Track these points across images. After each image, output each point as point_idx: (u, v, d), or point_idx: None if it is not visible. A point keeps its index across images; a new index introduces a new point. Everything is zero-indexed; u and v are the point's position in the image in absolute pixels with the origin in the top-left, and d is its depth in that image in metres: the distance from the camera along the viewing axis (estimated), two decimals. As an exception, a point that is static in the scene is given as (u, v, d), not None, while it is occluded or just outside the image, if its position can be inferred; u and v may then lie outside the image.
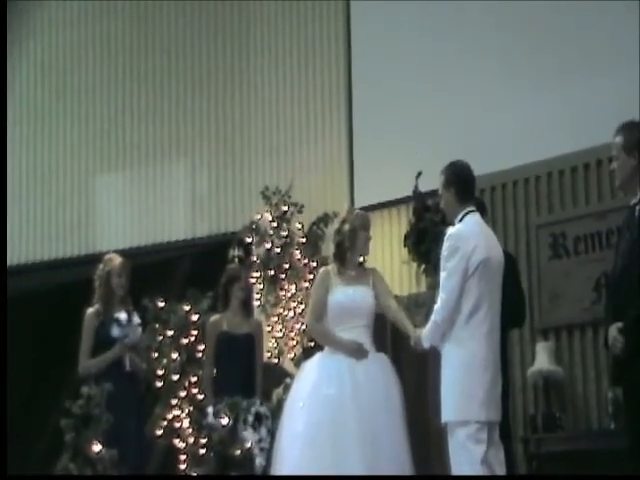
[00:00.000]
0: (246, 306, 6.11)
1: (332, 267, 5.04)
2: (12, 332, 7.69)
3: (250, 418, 5.46)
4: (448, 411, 4.38)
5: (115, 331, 5.78)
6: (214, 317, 6.08)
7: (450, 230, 4.52)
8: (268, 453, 5.33)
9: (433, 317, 4.46)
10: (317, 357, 4.94)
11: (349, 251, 5.00)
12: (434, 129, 7.28)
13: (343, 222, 5.08)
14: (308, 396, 4.72)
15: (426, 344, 4.49)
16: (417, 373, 5.63)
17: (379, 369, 4.88)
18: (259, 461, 5.37)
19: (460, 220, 4.55)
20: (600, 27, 6.63)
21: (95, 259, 6.37)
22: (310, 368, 4.89)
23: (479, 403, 4.34)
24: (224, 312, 6.02)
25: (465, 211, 4.54)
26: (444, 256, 4.46)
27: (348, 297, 4.95)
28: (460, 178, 4.59)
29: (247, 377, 5.85)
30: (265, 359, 6.51)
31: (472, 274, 4.38)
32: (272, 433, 5.31)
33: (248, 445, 5.32)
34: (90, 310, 5.85)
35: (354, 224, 5.03)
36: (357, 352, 4.79)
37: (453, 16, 7.37)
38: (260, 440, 5.46)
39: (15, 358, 7.83)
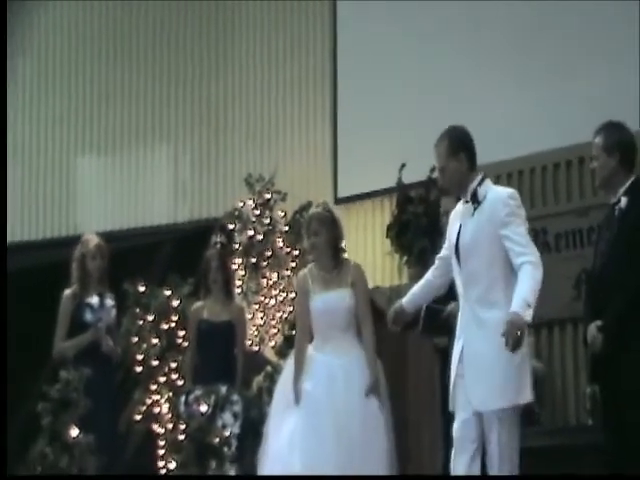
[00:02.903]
0: (227, 293, 6.08)
1: (310, 269, 5.10)
2: None
3: (231, 407, 5.49)
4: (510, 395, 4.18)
5: (88, 315, 5.77)
6: (195, 305, 6.09)
7: (507, 190, 4.35)
8: (237, 438, 5.44)
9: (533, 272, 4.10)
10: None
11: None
12: (418, 121, 7.27)
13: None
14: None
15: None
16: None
17: (359, 372, 4.91)
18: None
19: (479, 185, 4.29)
20: (585, 26, 6.65)
21: (76, 241, 6.31)
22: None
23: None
24: (205, 299, 6.01)
25: (480, 177, 4.33)
26: (512, 212, 4.20)
27: (325, 302, 5.00)
28: (469, 141, 4.39)
29: (227, 365, 5.84)
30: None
31: None
32: (240, 417, 5.50)
33: (227, 433, 5.33)
34: (67, 292, 5.85)
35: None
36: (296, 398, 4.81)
37: (440, 9, 7.36)
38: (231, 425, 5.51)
39: None
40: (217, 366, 5.82)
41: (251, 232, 7.31)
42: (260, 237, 7.30)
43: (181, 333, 6.62)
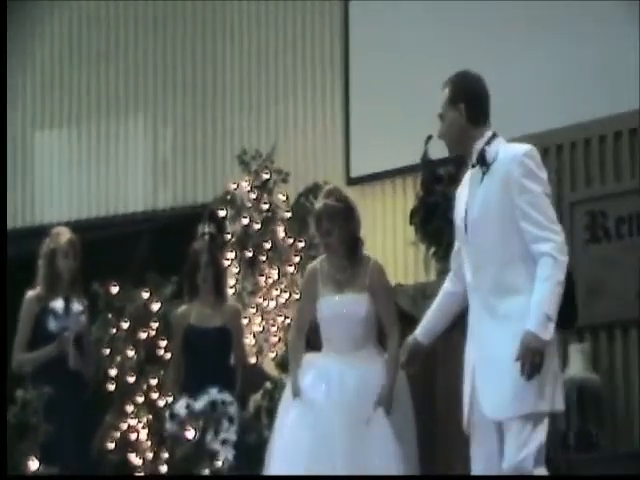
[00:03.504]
0: (218, 293, 6.10)
1: (321, 264, 5.16)
2: None
3: (224, 408, 5.55)
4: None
5: (52, 324, 5.84)
6: (180, 309, 6.13)
7: (524, 146, 4.22)
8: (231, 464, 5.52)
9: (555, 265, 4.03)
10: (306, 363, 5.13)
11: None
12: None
13: None
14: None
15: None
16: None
17: (370, 377, 5.04)
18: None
19: (488, 143, 4.23)
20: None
21: (36, 232, 6.46)
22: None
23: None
24: (191, 302, 6.03)
25: (490, 134, 4.25)
26: (533, 173, 4.10)
27: (334, 307, 5.08)
28: (472, 90, 4.33)
29: (220, 380, 5.82)
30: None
31: None
32: (235, 422, 5.59)
33: (219, 463, 5.33)
34: (30, 293, 5.93)
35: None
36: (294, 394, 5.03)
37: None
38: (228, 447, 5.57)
39: None
40: (208, 382, 5.79)
41: (246, 220, 7.35)
42: (257, 226, 7.34)
43: (162, 343, 6.64)
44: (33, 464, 4.83)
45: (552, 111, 6.88)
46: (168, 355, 6.47)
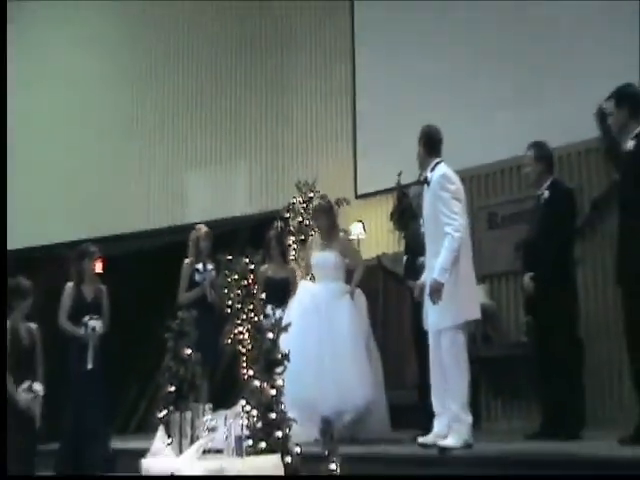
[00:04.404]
0: (283, 260, 5.97)
1: (315, 237, 5.25)
2: (135, 282, 7.67)
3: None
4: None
5: (197, 277, 5.78)
6: (262, 267, 6.00)
7: (443, 171, 4.04)
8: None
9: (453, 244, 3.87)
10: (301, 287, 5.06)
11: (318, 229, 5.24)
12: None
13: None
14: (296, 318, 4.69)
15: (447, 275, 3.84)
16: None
17: (339, 288, 4.95)
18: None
19: (432, 169, 4.08)
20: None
21: (185, 229, 6.37)
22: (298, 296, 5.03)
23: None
24: (269, 264, 6.04)
25: (436, 161, 4.13)
26: (444, 187, 3.95)
27: (316, 258, 5.07)
28: (427, 135, 4.16)
29: (281, 305, 5.55)
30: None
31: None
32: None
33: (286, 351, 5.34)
34: (186, 261, 5.87)
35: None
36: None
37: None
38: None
39: (135, 300, 7.77)
40: (277, 306, 5.59)
41: (300, 219, 7.33)
42: (306, 222, 7.29)
43: (256, 287, 6.37)
44: (187, 351, 4.46)
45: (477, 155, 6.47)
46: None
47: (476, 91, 6.65)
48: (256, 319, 6.33)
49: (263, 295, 5.89)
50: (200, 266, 5.81)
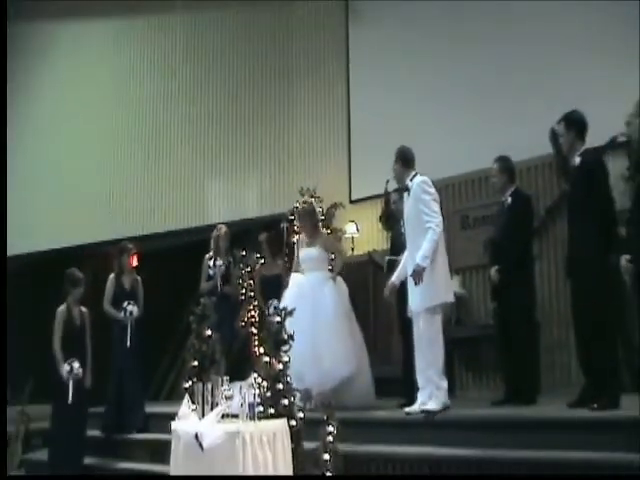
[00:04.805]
0: (273, 258, 5.88)
1: (300, 236, 5.19)
2: (165, 274, 7.68)
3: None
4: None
5: (211, 271, 5.76)
6: (257, 266, 6.02)
7: (422, 178, 4.09)
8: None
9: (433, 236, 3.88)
10: (292, 278, 4.97)
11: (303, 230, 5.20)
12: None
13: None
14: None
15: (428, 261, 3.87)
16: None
17: (322, 276, 4.91)
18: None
19: (412, 179, 4.12)
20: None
21: (206, 228, 6.39)
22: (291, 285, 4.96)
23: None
24: (265, 261, 5.96)
25: (414, 172, 4.20)
26: (426, 191, 3.99)
27: (303, 254, 5.02)
28: (402, 153, 4.23)
29: (277, 296, 5.39)
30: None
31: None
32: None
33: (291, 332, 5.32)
34: (206, 256, 5.85)
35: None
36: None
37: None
38: None
39: (165, 288, 7.75)
40: (275, 298, 5.42)
41: None
42: None
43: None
44: (208, 331, 4.27)
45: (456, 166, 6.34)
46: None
47: (452, 110, 6.51)
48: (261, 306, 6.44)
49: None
50: (215, 261, 5.78)
